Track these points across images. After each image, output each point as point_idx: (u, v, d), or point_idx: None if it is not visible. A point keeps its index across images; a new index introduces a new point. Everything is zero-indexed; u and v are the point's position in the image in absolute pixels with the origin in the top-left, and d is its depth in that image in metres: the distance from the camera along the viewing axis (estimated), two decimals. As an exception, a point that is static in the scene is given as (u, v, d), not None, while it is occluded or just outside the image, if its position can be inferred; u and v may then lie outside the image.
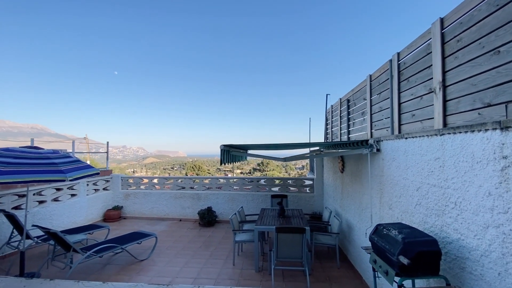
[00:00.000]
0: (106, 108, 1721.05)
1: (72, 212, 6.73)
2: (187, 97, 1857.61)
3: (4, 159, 3.68)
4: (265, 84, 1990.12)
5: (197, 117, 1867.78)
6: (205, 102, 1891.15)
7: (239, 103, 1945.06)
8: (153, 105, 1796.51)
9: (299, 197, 7.49)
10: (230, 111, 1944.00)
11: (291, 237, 3.85)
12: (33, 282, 3.60)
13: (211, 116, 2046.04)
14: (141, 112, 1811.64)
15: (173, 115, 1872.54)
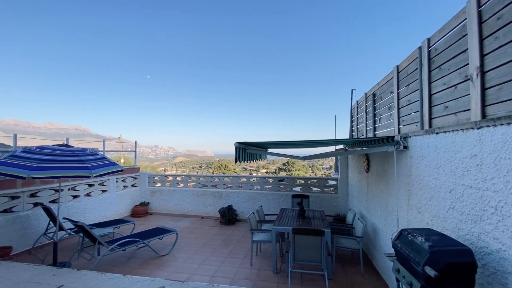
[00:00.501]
0: (140, 110, 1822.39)
1: (103, 207, 7.16)
2: (214, 98, 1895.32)
3: (38, 156, 3.98)
4: (293, 83, 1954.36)
5: (224, 117, 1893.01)
6: (233, 102, 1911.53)
7: (264, 102, 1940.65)
8: (182, 106, 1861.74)
9: (322, 197, 7.19)
10: (257, 111, 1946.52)
11: (308, 239, 3.66)
12: (62, 271, 3.85)
13: (238, 116, 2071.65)
14: (172, 113, 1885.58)
15: (201, 116, 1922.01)
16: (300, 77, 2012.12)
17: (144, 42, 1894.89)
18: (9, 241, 4.87)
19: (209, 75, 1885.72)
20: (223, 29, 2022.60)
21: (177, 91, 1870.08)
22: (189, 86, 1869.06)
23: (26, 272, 3.82)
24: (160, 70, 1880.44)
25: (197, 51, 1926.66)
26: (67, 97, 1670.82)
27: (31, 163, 3.82)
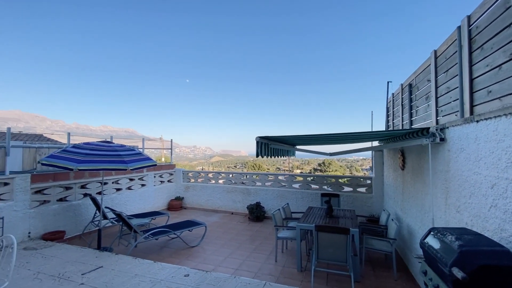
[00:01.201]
0: (180, 112, 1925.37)
1: (142, 200, 7.75)
2: (247, 99, 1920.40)
3: (84, 151, 4.47)
4: (325, 79, 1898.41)
5: (259, 117, 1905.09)
6: (266, 103, 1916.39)
7: (297, 102, 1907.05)
8: (218, 107, 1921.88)
9: (354, 197, 6.82)
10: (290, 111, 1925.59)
11: (333, 238, 3.50)
12: (103, 254, 4.26)
13: (273, 117, 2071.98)
14: (208, 114, 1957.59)
15: (236, 117, 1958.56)
16: (331, 74, 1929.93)
17: (183, 49, 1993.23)
18: (64, 226, 5.57)
19: (242, 77, 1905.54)
20: (254, 31, 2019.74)
21: (214, 93, 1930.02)
22: (225, 88, 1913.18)
23: (75, 253, 4.33)
24: (198, 74, 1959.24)
25: (233, 54, 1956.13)
26: (119, 102, 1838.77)
27: (78, 156, 4.31)
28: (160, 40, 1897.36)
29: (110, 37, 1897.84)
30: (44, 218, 5.28)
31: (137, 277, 3.46)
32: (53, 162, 4.24)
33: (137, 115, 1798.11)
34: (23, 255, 4.19)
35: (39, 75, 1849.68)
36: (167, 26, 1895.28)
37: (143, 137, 8.64)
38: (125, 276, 3.50)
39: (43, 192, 5.39)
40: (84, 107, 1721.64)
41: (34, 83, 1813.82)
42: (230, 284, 3.31)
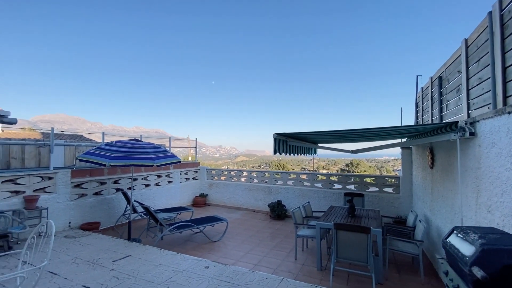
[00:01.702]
0: (206, 113, 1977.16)
1: (169, 196, 8.15)
2: (272, 98, 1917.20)
3: (115, 148, 4.83)
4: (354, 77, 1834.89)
5: (283, 117, 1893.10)
6: (289, 103, 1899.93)
7: (320, 100, 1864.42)
8: (243, 108, 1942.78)
9: (380, 197, 6.53)
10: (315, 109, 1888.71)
11: (352, 237, 3.41)
12: (132, 244, 4.57)
13: (298, 115, 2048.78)
14: (233, 114, 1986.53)
15: (260, 117, 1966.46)
16: (360, 71, 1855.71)
17: (209, 52, 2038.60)
18: (99, 218, 6.06)
19: (267, 76, 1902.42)
20: (284, 30, 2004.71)
21: (239, 93, 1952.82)
22: (249, 88, 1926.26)
23: (107, 242, 4.70)
24: (223, 75, 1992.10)
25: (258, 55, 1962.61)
26: (151, 104, 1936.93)
27: (110, 153, 4.68)
28: (187, 43, 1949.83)
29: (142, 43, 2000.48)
30: (82, 210, 5.80)
31: (161, 266, 3.68)
32: (89, 158, 4.65)
33: (167, 116, 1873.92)
34: (64, 242, 4.65)
35: (80, 81, 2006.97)
36: (194, 29, 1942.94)
37: (170, 137, 9.09)
38: (151, 265, 3.73)
39: (81, 186, 5.92)
40: (119, 110, 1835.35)
41: (76, 88, 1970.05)
42: (248, 277, 3.38)
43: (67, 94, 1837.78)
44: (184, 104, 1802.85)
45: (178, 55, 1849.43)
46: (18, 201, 4.79)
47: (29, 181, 5.03)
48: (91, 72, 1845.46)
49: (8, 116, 4.91)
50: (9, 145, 5.48)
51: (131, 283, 3.19)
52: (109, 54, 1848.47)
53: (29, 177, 5.03)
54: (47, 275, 3.35)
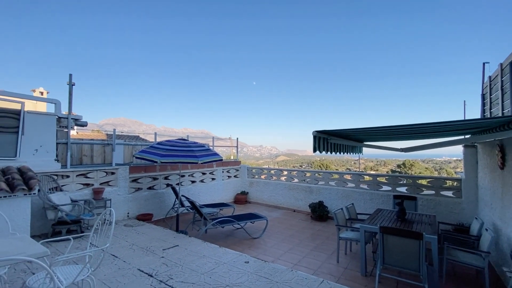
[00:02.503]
0: (248, 113, 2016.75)
1: (212, 192, 8.58)
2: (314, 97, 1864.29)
3: (165, 147, 5.27)
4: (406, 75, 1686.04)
5: (326, 115, 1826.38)
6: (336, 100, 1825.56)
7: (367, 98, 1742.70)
8: (284, 107, 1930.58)
9: (437, 201, 5.85)
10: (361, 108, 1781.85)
11: (401, 242, 3.14)
12: (179, 236, 4.93)
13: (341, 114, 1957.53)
14: (273, 114, 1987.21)
15: (301, 116, 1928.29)
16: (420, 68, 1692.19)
17: (251, 53, 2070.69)
18: (152, 210, 6.69)
19: (307, 76, 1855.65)
20: (324, 30, 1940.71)
21: (279, 93, 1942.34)
22: (290, 87, 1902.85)
23: (158, 232, 5.16)
24: (263, 76, 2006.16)
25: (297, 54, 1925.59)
26: (195, 106, 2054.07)
27: (160, 151, 5.13)
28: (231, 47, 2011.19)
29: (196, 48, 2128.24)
30: (138, 202, 6.47)
31: (204, 258, 3.90)
32: (143, 155, 5.17)
33: (211, 118, 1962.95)
34: (123, 230, 5.26)
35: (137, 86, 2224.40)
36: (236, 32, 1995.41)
37: (213, 137, 9.56)
38: (195, 255, 3.99)
39: (137, 181, 6.61)
40: (170, 113, 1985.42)
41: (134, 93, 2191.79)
42: (287, 276, 3.37)
43: (127, 99, 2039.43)
44: (228, 105, 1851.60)
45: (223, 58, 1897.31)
46: (88, 192, 5.58)
47: (96, 175, 5.82)
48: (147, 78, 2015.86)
49: (80, 120, 5.75)
50: (81, 144, 6.45)
51: (178, 271, 3.46)
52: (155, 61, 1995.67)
53: (96, 172, 5.82)
54: (109, 257, 3.84)
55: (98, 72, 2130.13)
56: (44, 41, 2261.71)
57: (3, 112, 4.58)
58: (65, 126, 5.59)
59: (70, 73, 5.49)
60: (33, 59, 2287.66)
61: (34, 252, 1.85)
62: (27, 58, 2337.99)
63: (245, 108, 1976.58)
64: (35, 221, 4.80)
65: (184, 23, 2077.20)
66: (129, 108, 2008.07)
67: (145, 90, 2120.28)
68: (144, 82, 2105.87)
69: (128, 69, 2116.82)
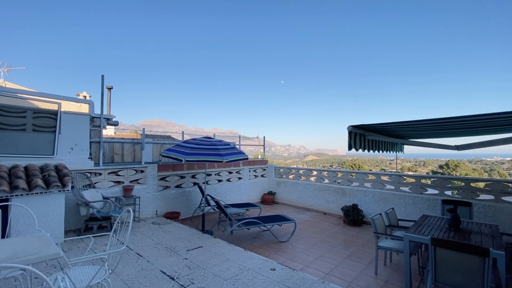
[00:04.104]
0: (276, 112, 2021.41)
1: (239, 191, 8.42)
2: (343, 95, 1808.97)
3: (190, 145, 5.18)
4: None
5: (357, 112, 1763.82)
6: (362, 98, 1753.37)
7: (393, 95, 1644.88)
8: (313, 106, 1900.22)
9: (497, 208, 4.99)
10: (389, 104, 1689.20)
11: (459, 258, 2.59)
12: (204, 236, 4.79)
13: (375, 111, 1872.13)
14: (304, 112, 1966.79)
15: (331, 114, 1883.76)
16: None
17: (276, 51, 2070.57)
18: (179, 208, 6.71)
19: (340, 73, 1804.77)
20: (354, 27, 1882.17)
21: (308, 92, 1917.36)
22: (320, 86, 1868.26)
23: (184, 232, 5.08)
24: (291, 75, 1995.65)
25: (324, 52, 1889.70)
26: (225, 107, 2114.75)
27: (186, 150, 5.05)
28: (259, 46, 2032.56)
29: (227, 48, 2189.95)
30: (166, 200, 6.52)
31: (228, 262, 3.68)
32: (169, 154, 5.14)
33: (240, 118, 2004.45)
34: (151, 228, 5.29)
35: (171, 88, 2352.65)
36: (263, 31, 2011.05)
37: (239, 135, 9.40)
38: (219, 258, 3.79)
39: (165, 179, 6.67)
40: (201, 114, 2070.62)
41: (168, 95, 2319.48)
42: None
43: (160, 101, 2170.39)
44: (255, 105, 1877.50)
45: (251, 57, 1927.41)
46: (119, 190, 5.72)
47: (126, 173, 5.96)
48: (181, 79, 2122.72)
49: (112, 119, 5.93)
50: (113, 143, 6.70)
51: (200, 275, 3.28)
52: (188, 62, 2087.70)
53: (126, 170, 5.96)
54: (134, 256, 3.81)
55: (137, 76, 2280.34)
56: (86, 49, 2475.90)
57: (43, 113, 4.84)
58: (98, 126, 5.80)
59: (102, 74, 5.66)
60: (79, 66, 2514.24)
61: (46, 253, 1.76)
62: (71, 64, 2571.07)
63: (274, 107, 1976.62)
64: (70, 217, 5.01)
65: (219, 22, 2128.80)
66: (164, 110, 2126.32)
67: (179, 93, 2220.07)
68: (178, 84, 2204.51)
69: (163, 72, 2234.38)
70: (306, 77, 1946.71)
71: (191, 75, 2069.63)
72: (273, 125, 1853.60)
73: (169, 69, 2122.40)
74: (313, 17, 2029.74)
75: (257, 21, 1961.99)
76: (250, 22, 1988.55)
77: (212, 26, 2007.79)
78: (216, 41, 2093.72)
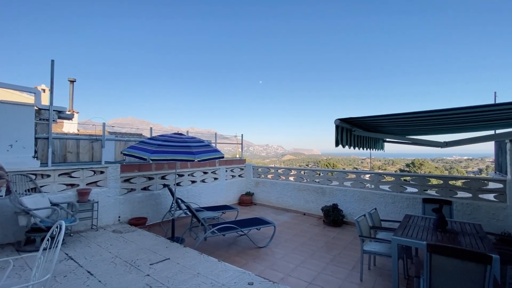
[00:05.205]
0: (254, 112, 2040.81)
1: (214, 193, 7.86)
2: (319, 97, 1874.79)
3: (157, 142, 4.56)
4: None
5: (332, 113, 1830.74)
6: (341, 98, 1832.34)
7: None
8: (290, 106, 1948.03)
9: (475, 206, 5.00)
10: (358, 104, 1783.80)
11: (458, 265, 2.34)
12: (173, 246, 4.19)
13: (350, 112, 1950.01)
14: (279, 113, 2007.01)
15: (307, 115, 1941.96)
16: None
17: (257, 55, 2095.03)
18: (146, 213, 6.01)
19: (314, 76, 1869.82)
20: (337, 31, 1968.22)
21: (285, 93, 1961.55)
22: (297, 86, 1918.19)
23: (150, 240, 4.46)
24: (269, 77, 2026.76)
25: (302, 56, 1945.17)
26: (205, 106, 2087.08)
27: (152, 147, 4.42)
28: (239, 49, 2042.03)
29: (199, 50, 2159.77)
30: (131, 204, 5.79)
31: (199, 277, 3.17)
32: (132, 152, 4.47)
33: (219, 117, 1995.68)
34: (110, 237, 4.58)
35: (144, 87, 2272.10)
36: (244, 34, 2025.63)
37: (215, 133, 8.83)
38: (188, 273, 3.26)
39: (130, 181, 5.93)
40: (177, 113, 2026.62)
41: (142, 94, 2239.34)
42: (303, 305, 2.61)
43: (134, 100, 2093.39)
44: (235, 105, 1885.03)
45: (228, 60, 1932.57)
46: (72, 194, 4.92)
47: (82, 174, 5.16)
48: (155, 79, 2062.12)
49: (65, 112, 5.09)
50: (65, 139, 5.83)
51: (164, 296, 2.74)
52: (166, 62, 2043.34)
53: (82, 170, 5.16)
54: (83, 275, 3.15)
55: (108, 73, 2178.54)
56: (50, 42, 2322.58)
57: (-30, 102, 3.95)
58: (47, 119, 4.94)
59: (52, 59, 4.82)
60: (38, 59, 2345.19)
61: None
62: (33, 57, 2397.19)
63: (252, 108, 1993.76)
64: (9, 227, 4.19)
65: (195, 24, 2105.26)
66: (138, 108, 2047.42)
67: (154, 91, 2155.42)
68: (153, 83, 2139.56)
69: (137, 70, 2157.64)
70: (284, 80, 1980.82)
71: (168, 74, 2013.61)
72: (252, 125, 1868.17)
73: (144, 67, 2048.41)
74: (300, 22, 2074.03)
75: (240, 24, 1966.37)
76: (232, 25, 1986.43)
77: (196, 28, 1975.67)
78: (196, 43, 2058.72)
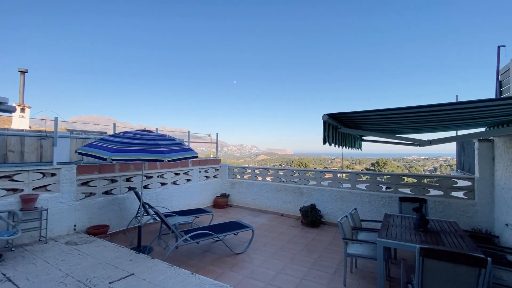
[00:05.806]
0: (228, 112, 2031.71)
1: (187, 195, 7.33)
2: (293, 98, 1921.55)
3: (120, 139, 3.98)
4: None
5: (304, 115, 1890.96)
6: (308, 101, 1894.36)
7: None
8: (264, 107, 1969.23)
9: (446, 204, 5.15)
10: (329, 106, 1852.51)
11: (451, 269, 2.22)
12: (138, 258, 3.66)
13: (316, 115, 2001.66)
14: (253, 113, 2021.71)
15: (280, 115, 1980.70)
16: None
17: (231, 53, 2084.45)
18: (108, 220, 5.33)
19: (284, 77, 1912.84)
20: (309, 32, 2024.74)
21: (260, 93, 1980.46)
22: (270, 87, 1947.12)
23: (111, 253, 3.88)
24: (244, 77, 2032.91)
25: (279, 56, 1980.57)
26: (177, 104, 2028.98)
27: (113, 145, 3.84)
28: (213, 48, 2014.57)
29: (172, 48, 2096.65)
30: (89, 211, 5.09)
31: (169, 295, 2.74)
32: (88, 151, 3.86)
33: (192, 117, 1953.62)
34: (62, 251, 3.91)
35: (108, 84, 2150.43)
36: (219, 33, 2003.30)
37: (188, 131, 8.28)
38: (156, 291, 2.81)
39: (89, 184, 5.22)
40: (147, 111, 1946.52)
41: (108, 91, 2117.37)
42: (289, 322, 2.32)
43: (99, 97, 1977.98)
44: (207, 104, 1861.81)
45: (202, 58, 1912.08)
46: (15, 201, 4.14)
47: (28, 177, 4.38)
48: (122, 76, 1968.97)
49: (6, 104, 4.28)
50: (6, 136, 4.92)
51: (125, 324, 2.27)
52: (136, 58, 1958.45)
53: (28, 173, 4.38)
54: (20, 304, 2.55)
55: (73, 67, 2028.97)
56: None
57: None
58: (-20, 112, 4.09)
59: None
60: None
61: None
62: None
63: (226, 107, 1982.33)
64: None
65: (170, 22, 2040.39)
66: (103, 106, 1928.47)
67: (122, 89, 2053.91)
68: (119, 79, 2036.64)
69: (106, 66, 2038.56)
70: (258, 79, 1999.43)
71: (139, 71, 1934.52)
72: (226, 125, 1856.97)
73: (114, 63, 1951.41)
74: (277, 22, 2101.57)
75: (217, 23, 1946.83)
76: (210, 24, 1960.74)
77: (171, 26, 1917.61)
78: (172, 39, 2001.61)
